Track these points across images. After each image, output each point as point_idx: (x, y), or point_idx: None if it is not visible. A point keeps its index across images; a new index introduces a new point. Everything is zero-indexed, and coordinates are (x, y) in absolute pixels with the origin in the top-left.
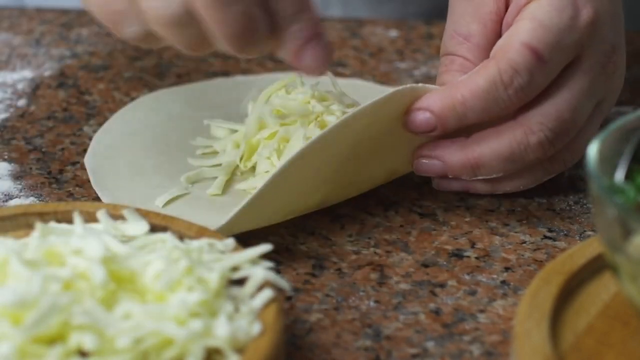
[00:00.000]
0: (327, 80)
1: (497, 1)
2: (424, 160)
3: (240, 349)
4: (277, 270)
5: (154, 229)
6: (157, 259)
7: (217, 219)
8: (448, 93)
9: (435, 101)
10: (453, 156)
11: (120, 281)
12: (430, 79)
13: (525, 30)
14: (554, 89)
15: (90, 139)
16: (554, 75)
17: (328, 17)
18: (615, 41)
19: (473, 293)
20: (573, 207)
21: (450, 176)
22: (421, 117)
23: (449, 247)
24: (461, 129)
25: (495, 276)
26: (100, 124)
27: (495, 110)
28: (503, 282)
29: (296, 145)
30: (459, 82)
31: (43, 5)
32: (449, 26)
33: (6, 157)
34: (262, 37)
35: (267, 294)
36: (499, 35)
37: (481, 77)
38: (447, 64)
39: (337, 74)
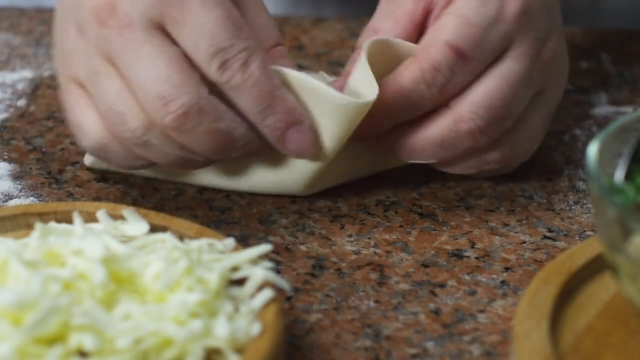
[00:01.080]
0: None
1: (415, 2)
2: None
3: (240, 349)
4: (277, 270)
5: (153, 229)
6: (157, 259)
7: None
8: None
9: None
10: (387, 139)
11: (120, 281)
12: None
13: (449, 28)
14: (485, 77)
15: None
16: (480, 69)
17: (327, 17)
18: (549, 28)
19: (473, 293)
20: (573, 207)
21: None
22: None
23: (449, 247)
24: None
25: (495, 276)
26: None
27: (422, 107)
28: (503, 282)
29: None
30: (383, 84)
31: (43, 5)
32: (369, 23)
33: (6, 157)
34: (243, 142)
35: (267, 294)
36: (410, 34)
37: (404, 78)
38: (353, 55)
39: (336, 74)
